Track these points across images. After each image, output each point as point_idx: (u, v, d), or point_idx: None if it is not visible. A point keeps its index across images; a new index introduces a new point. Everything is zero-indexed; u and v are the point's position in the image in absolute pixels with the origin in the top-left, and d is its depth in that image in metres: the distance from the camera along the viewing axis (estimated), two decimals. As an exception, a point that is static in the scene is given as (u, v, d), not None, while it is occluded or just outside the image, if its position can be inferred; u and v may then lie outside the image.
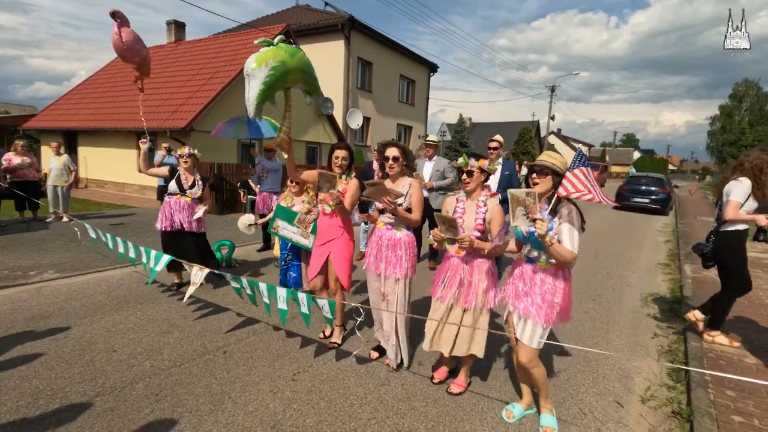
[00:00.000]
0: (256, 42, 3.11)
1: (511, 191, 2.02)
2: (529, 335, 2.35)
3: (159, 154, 9.04)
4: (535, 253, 2.35)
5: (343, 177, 3.21)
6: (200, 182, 4.49)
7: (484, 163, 2.65)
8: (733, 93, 52.97)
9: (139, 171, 4.55)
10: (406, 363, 3.12)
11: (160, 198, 9.30)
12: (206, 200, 4.60)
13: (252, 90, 2.85)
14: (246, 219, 5.16)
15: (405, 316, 3.00)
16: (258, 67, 2.90)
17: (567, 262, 2.21)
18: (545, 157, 2.36)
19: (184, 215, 4.41)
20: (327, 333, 3.58)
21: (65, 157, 8.12)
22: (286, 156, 3.27)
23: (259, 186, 6.61)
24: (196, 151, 4.51)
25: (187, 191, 4.39)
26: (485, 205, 2.64)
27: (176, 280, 4.65)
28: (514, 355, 2.63)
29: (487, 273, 2.66)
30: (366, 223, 5.90)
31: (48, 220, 7.95)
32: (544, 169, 2.31)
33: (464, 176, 2.67)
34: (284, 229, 4.44)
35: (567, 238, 2.19)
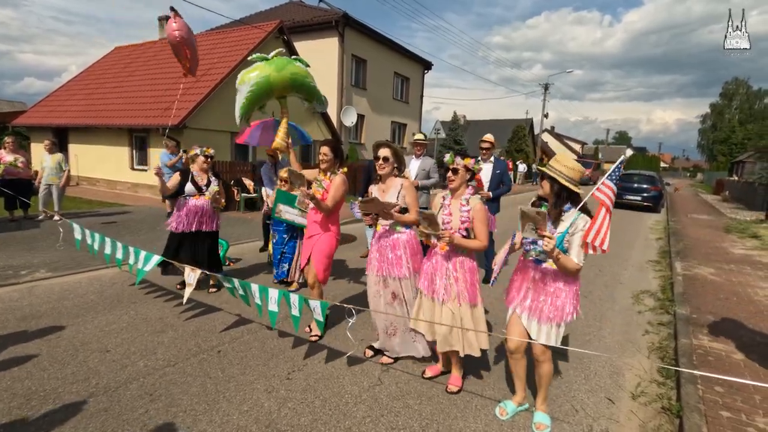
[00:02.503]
0: (250, 58, 3.35)
1: (522, 209, 2.09)
2: (545, 335, 2.38)
3: (166, 154, 8.80)
4: (543, 255, 2.37)
5: (328, 174, 3.29)
6: (214, 179, 4.45)
7: (470, 162, 2.71)
8: (723, 91, 53.56)
9: (163, 195, 4.52)
10: (428, 353, 3.15)
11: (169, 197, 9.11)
12: (222, 196, 4.55)
13: (237, 103, 3.20)
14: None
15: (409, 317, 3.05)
16: (242, 83, 3.22)
17: (570, 273, 2.26)
18: (553, 163, 2.38)
19: (202, 215, 4.38)
20: (313, 327, 3.63)
21: (59, 155, 7.97)
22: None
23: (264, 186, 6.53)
24: (212, 152, 4.49)
25: (205, 190, 4.36)
26: (468, 204, 2.70)
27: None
28: (510, 358, 2.64)
29: (470, 270, 2.73)
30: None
31: (39, 218, 7.84)
32: (545, 174, 2.35)
33: (449, 174, 2.73)
34: (286, 212, 4.56)
35: (577, 249, 2.22)
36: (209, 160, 4.40)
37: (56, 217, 7.60)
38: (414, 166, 5.64)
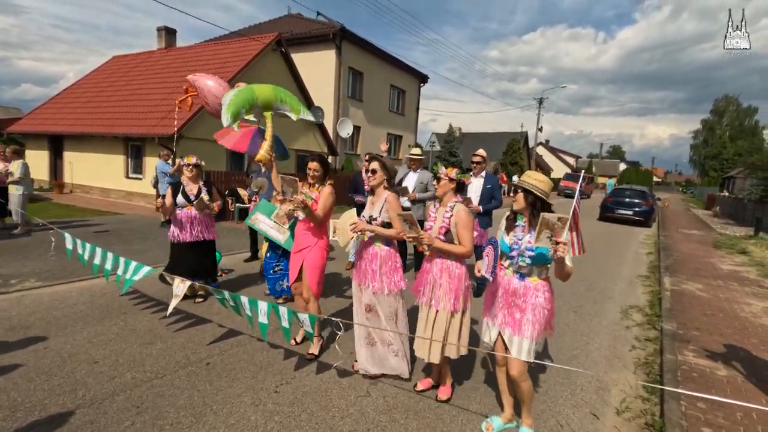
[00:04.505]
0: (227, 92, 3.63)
1: (543, 215, 2.15)
2: (525, 350, 2.42)
3: (164, 164, 8.84)
4: (526, 269, 2.43)
5: (316, 185, 3.35)
6: (204, 188, 4.53)
7: (452, 172, 2.80)
8: (714, 108, 54.49)
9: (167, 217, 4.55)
10: (405, 375, 3.16)
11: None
12: (217, 200, 4.62)
13: (223, 106, 3.39)
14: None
15: (388, 329, 3.07)
16: (225, 95, 3.60)
17: (569, 276, 2.33)
18: (524, 177, 2.48)
19: (197, 225, 4.45)
20: (299, 339, 3.67)
21: (18, 162, 7.43)
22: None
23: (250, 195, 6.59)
24: (202, 162, 4.57)
25: (194, 201, 4.41)
26: (452, 210, 2.76)
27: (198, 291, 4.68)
28: (498, 371, 2.68)
29: (458, 277, 2.76)
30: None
31: (16, 231, 7.59)
32: (517, 189, 2.48)
33: (434, 182, 2.89)
34: (261, 222, 4.56)
35: (568, 255, 2.30)
36: (191, 168, 4.47)
37: (17, 230, 7.35)
38: (411, 178, 5.74)
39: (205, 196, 4.44)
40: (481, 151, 5.38)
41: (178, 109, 4.39)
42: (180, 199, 4.41)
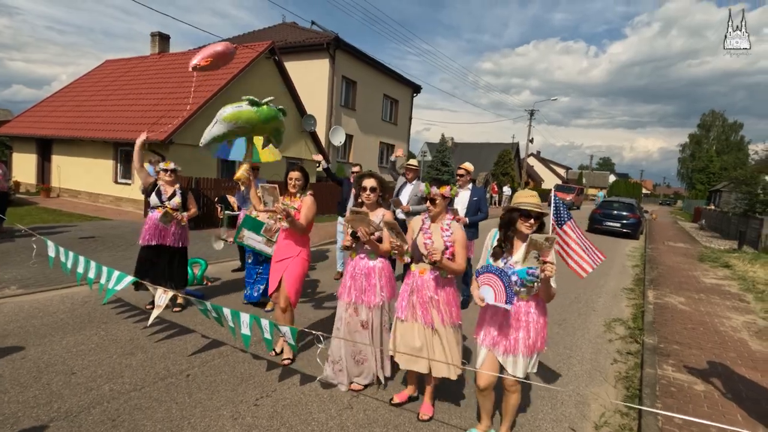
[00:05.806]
0: (243, 97, 3.30)
1: (532, 236, 2.15)
2: (521, 367, 2.43)
3: (153, 169, 8.83)
4: (522, 288, 2.43)
5: (298, 195, 3.37)
6: (179, 191, 4.50)
7: (446, 190, 2.78)
8: (701, 123, 55.70)
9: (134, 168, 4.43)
10: (384, 377, 3.26)
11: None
12: (192, 207, 4.61)
13: (212, 131, 3.22)
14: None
15: (383, 339, 3.15)
16: (228, 121, 3.19)
17: (552, 298, 2.36)
18: (531, 199, 2.39)
19: (164, 229, 4.41)
20: (278, 350, 3.68)
21: None
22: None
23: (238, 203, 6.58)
24: (179, 168, 4.59)
25: (167, 202, 4.39)
26: (450, 228, 2.78)
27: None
28: (479, 395, 2.65)
29: (452, 292, 2.80)
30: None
31: None
32: (534, 214, 2.35)
33: (428, 203, 2.81)
34: (250, 238, 4.56)
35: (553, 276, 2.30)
36: (169, 173, 4.46)
37: None
38: (406, 191, 5.74)
39: (177, 198, 4.43)
40: (467, 165, 5.43)
41: (206, 64, 4.23)
42: (153, 198, 4.38)
